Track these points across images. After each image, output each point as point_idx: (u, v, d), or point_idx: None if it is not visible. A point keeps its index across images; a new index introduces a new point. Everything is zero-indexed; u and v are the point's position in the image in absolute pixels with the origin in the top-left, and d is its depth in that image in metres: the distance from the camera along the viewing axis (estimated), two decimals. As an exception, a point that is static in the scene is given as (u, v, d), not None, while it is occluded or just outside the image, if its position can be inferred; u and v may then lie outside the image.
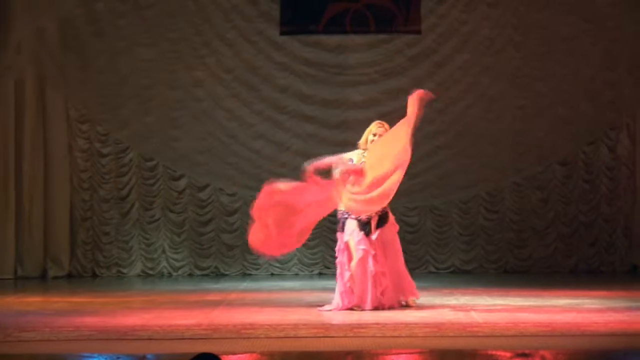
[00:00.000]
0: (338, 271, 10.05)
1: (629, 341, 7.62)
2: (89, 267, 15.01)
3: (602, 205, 15.09)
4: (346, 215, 10.01)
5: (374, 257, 9.86)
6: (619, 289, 12.12)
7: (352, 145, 10.30)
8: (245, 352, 7.16)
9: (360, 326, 8.45)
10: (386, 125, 10.16)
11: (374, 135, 10.10)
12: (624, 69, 15.01)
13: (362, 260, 9.82)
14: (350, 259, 9.92)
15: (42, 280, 14.60)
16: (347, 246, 9.95)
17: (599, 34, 14.96)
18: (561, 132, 15.00)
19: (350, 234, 9.93)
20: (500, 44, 15.07)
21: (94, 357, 7.10)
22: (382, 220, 10.02)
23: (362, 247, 9.84)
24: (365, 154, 10.04)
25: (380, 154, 9.92)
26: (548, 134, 15.01)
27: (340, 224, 10.04)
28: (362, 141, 10.16)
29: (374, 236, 9.91)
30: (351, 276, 9.87)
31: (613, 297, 10.98)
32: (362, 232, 9.90)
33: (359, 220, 9.94)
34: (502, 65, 15.05)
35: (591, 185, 15.13)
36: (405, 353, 7.19)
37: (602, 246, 15.07)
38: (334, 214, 10.28)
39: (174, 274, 15.01)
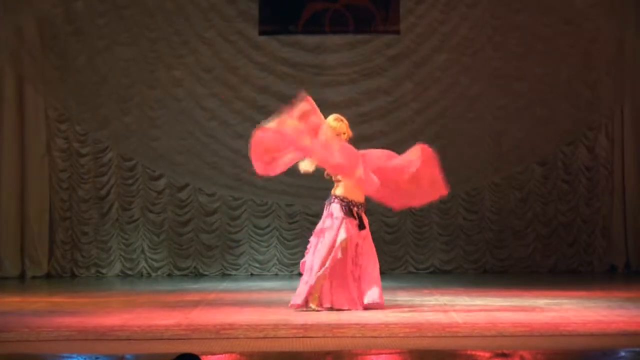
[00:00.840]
0: (322, 253, 9.75)
1: (607, 341, 7.64)
2: (67, 267, 14.96)
3: (581, 206, 15.13)
4: (353, 206, 9.84)
5: (362, 253, 9.84)
6: (598, 289, 12.14)
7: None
8: (225, 353, 7.15)
9: (339, 326, 8.44)
10: (345, 121, 10.17)
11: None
12: (602, 70, 15.06)
13: (352, 257, 9.78)
14: (346, 252, 9.76)
15: (20, 281, 14.54)
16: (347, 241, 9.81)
17: (578, 35, 15.01)
18: (540, 132, 15.04)
19: (352, 228, 9.79)
20: (479, 44, 15.09)
21: (73, 358, 7.08)
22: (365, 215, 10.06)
23: (358, 242, 9.82)
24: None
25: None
26: (527, 134, 15.04)
27: (347, 209, 9.81)
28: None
29: (365, 231, 9.88)
30: (342, 266, 9.76)
31: (592, 297, 11.01)
32: (357, 228, 9.85)
33: (357, 215, 9.86)
34: (481, 66, 15.07)
35: (570, 185, 15.17)
36: (385, 353, 7.19)
37: (580, 246, 15.12)
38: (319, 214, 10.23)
39: (153, 274, 14.97)
